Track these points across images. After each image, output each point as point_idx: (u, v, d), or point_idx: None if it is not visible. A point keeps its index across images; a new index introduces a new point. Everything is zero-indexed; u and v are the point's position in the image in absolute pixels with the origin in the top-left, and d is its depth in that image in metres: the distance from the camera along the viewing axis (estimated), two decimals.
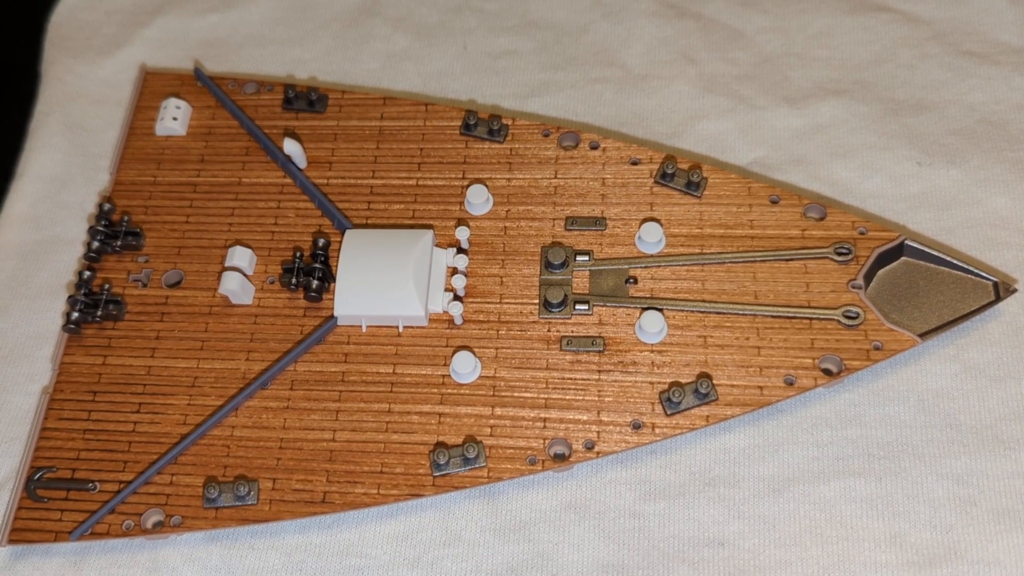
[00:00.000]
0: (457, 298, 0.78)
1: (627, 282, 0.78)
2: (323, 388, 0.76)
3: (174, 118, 0.88)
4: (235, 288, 0.78)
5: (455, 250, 0.79)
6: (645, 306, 0.76)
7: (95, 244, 0.82)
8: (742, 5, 0.97)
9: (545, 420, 0.74)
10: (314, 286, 0.78)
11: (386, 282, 0.76)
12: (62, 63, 0.99)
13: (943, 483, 0.73)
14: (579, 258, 0.79)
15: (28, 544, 0.74)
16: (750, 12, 0.97)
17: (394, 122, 0.87)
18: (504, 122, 0.85)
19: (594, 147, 0.83)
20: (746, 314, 0.76)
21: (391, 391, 0.76)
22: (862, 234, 0.78)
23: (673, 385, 0.74)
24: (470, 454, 0.72)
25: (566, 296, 0.77)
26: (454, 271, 0.79)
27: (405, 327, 0.77)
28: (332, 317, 0.77)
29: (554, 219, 0.81)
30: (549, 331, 0.77)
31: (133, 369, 0.78)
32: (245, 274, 0.80)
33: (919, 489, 0.73)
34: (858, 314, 0.75)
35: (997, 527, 0.71)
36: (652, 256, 0.78)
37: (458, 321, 0.77)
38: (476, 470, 0.72)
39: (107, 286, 0.81)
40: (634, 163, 0.82)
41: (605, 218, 0.80)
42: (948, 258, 0.77)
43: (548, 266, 0.78)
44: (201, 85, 0.91)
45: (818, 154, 0.87)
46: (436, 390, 0.75)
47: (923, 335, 0.74)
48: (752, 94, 0.91)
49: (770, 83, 0.92)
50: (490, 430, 0.74)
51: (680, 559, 0.72)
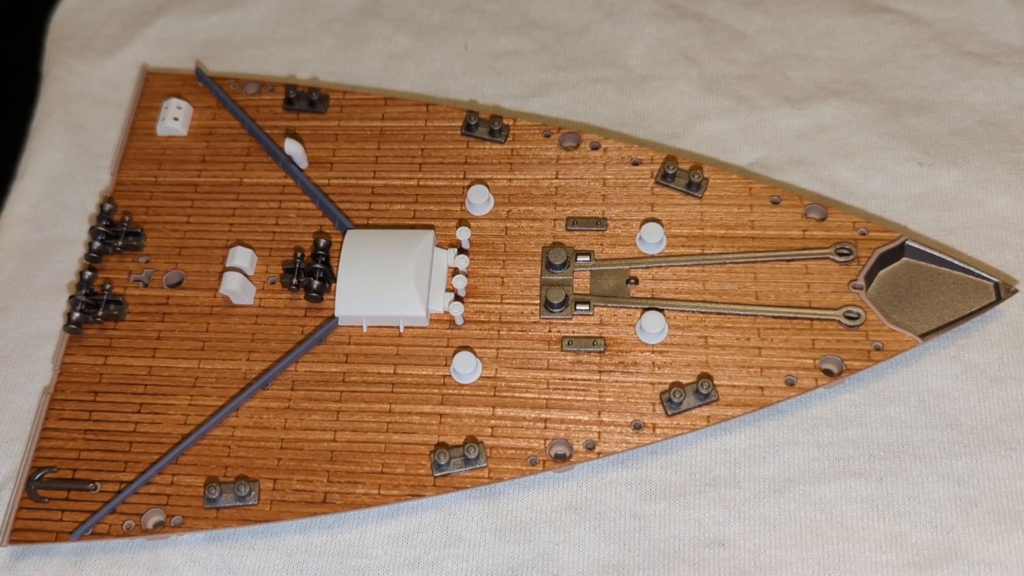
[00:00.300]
0: (458, 298, 0.78)
1: (628, 282, 0.78)
2: (324, 388, 0.76)
3: (175, 118, 0.88)
4: (236, 288, 0.78)
5: (456, 250, 0.79)
6: (646, 306, 0.76)
7: (96, 244, 0.82)
8: (743, 6, 0.97)
9: (546, 420, 0.74)
10: (315, 286, 0.78)
11: (387, 282, 0.76)
12: (63, 63, 0.99)
13: (944, 484, 0.73)
14: (580, 258, 0.79)
15: (29, 544, 0.74)
16: (751, 13, 0.96)
17: (395, 122, 0.87)
18: (505, 122, 0.85)
19: (595, 147, 0.83)
20: (747, 315, 0.76)
21: (392, 391, 0.76)
22: (863, 235, 0.78)
23: (674, 386, 0.74)
24: (471, 454, 0.72)
25: (567, 296, 0.77)
26: (455, 271, 0.79)
27: (406, 327, 0.77)
28: (333, 317, 0.77)
29: (555, 219, 0.81)
30: (550, 331, 0.77)
31: (134, 369, 0.78)
32: (246, 274, 0.80)
33: (920, 490, 0.73)
34: (859, 315, 0.75)
35: (998, 527, 0.71)
36: (653, 256, 0.78)
37: (459, 321, 0.77)
38: (477, 470, 0.72)
39: (108, 286, 0.81)
40: (635, 163, 0.82)
41: (606, 218, 0.80)
42: (949, 259, 0.77)
43: (549, 266, 0.78)
44: (202, 85, 0.91)
45: (819, 155, 0.87)
46: (437, 390, 0.75)
47: (924, 335, 0.74)
48: (753, 95, 0.91)
49: (771, 84, 0.92)
50: (491, 430, 0.74)
51: (681, 559, 0.72)
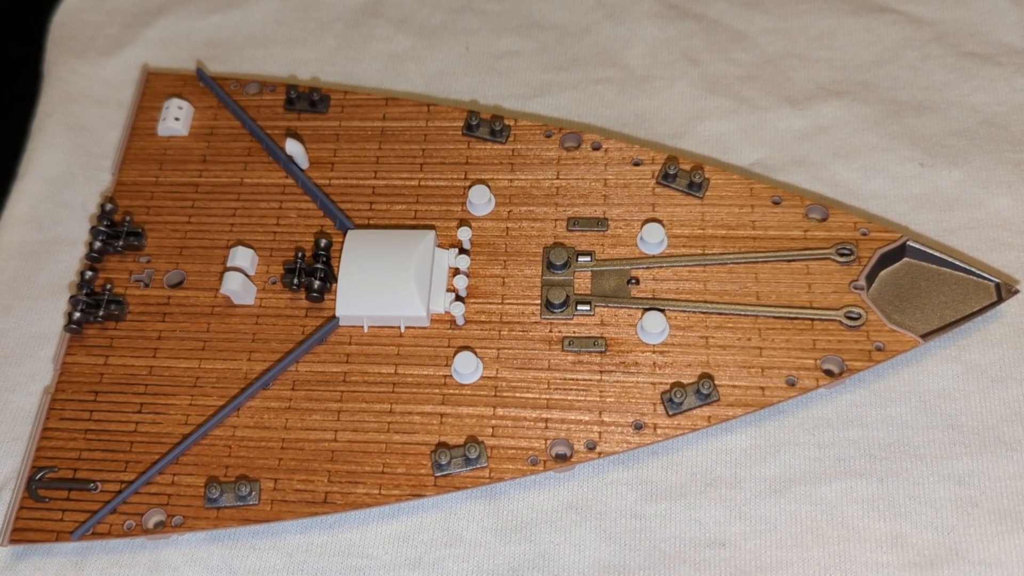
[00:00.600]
0: (459, 298, 0.78)
1: (629, 283, 0.78)
2: (325, 388, 0.76)
3: (176, 118, 0.88)
4: (237, 288, 0.78)
5: (457, 250, 0.79)
6: (647, 307, 0.76)
7: (97, 244, 0.82)
8: (744, 6, 0.97)
9: (547, 420, 0.74)
10: (316, 286, 0.78)
11: (388, 282, 0.76)
12: (64, 63, 0.99)
13: (945, 484, 0.73)
14: (581, 259, 0.79)
15: (29, 544, 0.74)
16: (752, 13, 0.96)
17: (396, 123, 0.87)
18: (506, 123, 0.85)
19: (596, 148, 0.83)
20: (748, 315, 0.76)
21: (393, 391, 0.76)
22: (864, 235, 0.78)
23: (675, 386, 0.74)
24: (472, 454, 0.72)
25: (568, 297, 0.77)
26: (456, 271, 0.79)
27: (407, 327, 0.77)
28: (334, 317, 0.77)
29: (556, 220, 0.81)
30: (551, 332, 0.77)
31: (135, 369, 0.78)
32: (247, 274, 0.80)
33: (920, 490, 0.73)
34: (860, 315, 0.75)
35: (998, 528, 0.71)
36: (654, 257, 0.78)
37: (460, 321, 0.77)
38: (478, 470, 0.72)
39: (109, 286, 0.81)
40: (636, 164, 0.82)
41: (607, 219, 0.80)
42: (950, 259, 0.77)
43: (550, 267, 0.78)
44: (203, 85, 0.91)
45: (820, 155, 0.87)
46: (438, 390, 0.75)
47: (925, 336, 0.74)
48: (754, 95, 0.91)
49: (772, 84, 0.92)
50: (492, 430, 0.74)
51: (681, 560, 0.72)
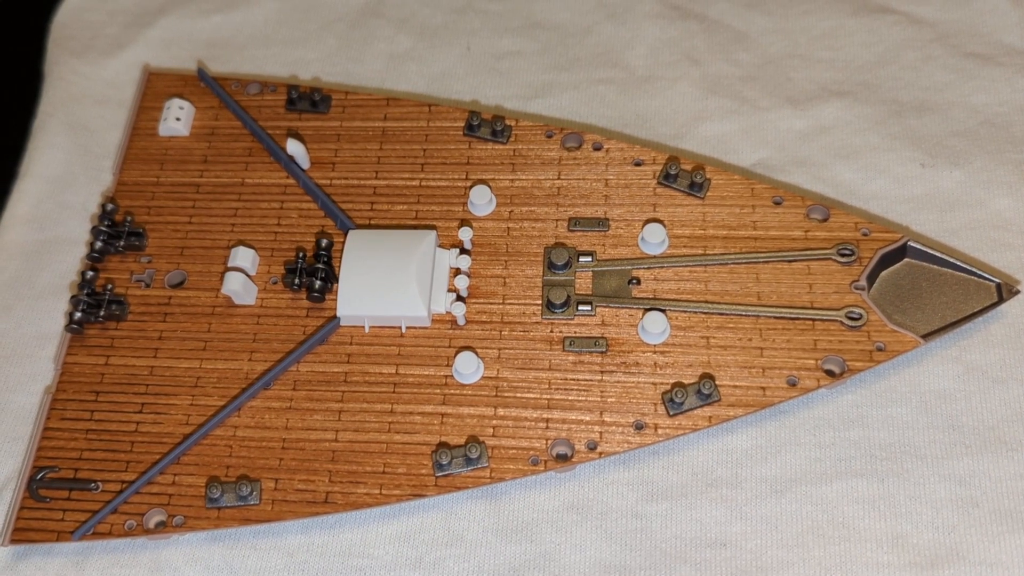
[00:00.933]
0: (460, 299, 0.78)
1: (630, 283, 0.78)
2: (326, 388, 0.76)
3: (177, 119, 0.88)
4: (238, 288, 0.78)
5: (458, 251, 0.79)
6: (648, 307, 0.76)
7: (98, 244, 0.82)
8: (746, 7, 0.97)
9: (547, 421, 0.74)
10: (317, 286, 0.78)
11: (389, 283, 0.76)
12: (65, 63, 0.99)
13: (945, 484, 0.73)
14: (582, 259, 0.79)
15: (30, 544, 0.74)
16: (754, 14, 0.96)
17: (397, 123, 0.87)
18: (507, 123, 0.85)
19: (597, 148, 0.83)
20: (749, 315, 0.76)
21: (394, 391, 0.76)
22: (865, 235, 0.78)
23: (676, 386, 0.74)
24: (472, 454, 0.72)
25: (569, 297, 0.77)
26: (457, 272, 0.79)
27: (408, 328, 0.77)
28: (335, 317, 0.77)
29: (557, 220, 0.81)
30: (552, 332, 0.77)
31: (136, 369, 0.78)
32: (248, 274, 0.80)
33: (921, 490, 0.73)
34: (861, 315, 0.75)
35: (999, 528, 0.71)
36: (655, 257, 0.78)
37: (461, 322, 0.77)
38: (478, 470, 0.72)
39: (110, 286, 0.81)
40: (637, 164, 0.82)
41: (608, 219, 0.80)
42: (951, 259, 0.77)
43: (551, 267, 0.78)
44: (204, 86, 0.91)
45: (821, 155, 0.87)
46: (439, 390, 0.75)
47: (926, 336, 0.74)
48: (755, 95, 0.91)
49: (773, 84, 0.92)
50: (492, 430, 0.74)
51: (682, 560, 0.72)
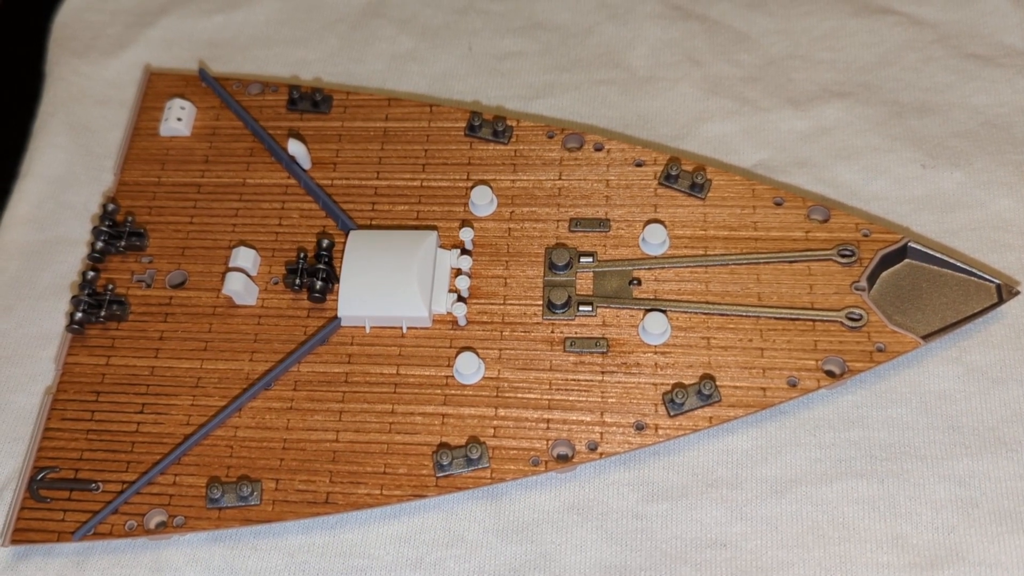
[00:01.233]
0: (461, 299, 0.78)
1: (631, 283, 0.78)
2: (327, 389, 0.76)
3: (178, 119, 0.88)
4: (239, 289, 0.78)
5: (459, 251, 0.79)
6: (649, 307, 0.76)
7: (99, 244, 0.82)
8: (747, 7, 0.97)
9: (548, 421, 0.74)
10: (318, 287, 0.78)
11: (390, 283, 0.77)
12: (66, 63, 0.99)
13: (945, 485, 0.73)
14: (583, 259, 0.79)
15: (31, 544, 0.74)
16: (755, 14, 0.97)
17: (398, 123, 0.87)
18: (508, 123, 0.85)
19: (598, 149, 0.83)
20: (749, 316, 0.76)
21: (395, 392, 0.76)
22: (866, 236, 0.78)
23: (676, 386, 0.74)
24: (473, 455, 0.72)
25: (570, 297, 0.77)
26: (458, 272, 0.79)
27: (409, 328, 0.77)
28: (336, 318, 0.77)
29: (558, 220, 0.81)
30: (553, 332, 0.77)
31: (136, 369, 0.78)
32: (249, 275, 0.80)
33: (921, 491, 0.73)
34: (861, 316, 0.75)
35: (999, 529, 0.71)
36: (656, 258, 0.78)
37: (462, 322, 0.77)
38: (479, 471, 0.72)
39: (111, 286, 0.81)
40: (638, 165, 0.82)
41: (609, 219, 0.80)
42: (951, 260, 0.77)
43: (552, 267, 0.78)
44: (205, 86, 0.91)
45: (822, 156, 0.87)
46: (440, 391, 0.75)
47: (926, 337, 0.74)
48: (757, 96, 0.91)
49: (775, 85, 0.92)
50: (493, 431, 0.74)
51: (683, 560, 0.72)
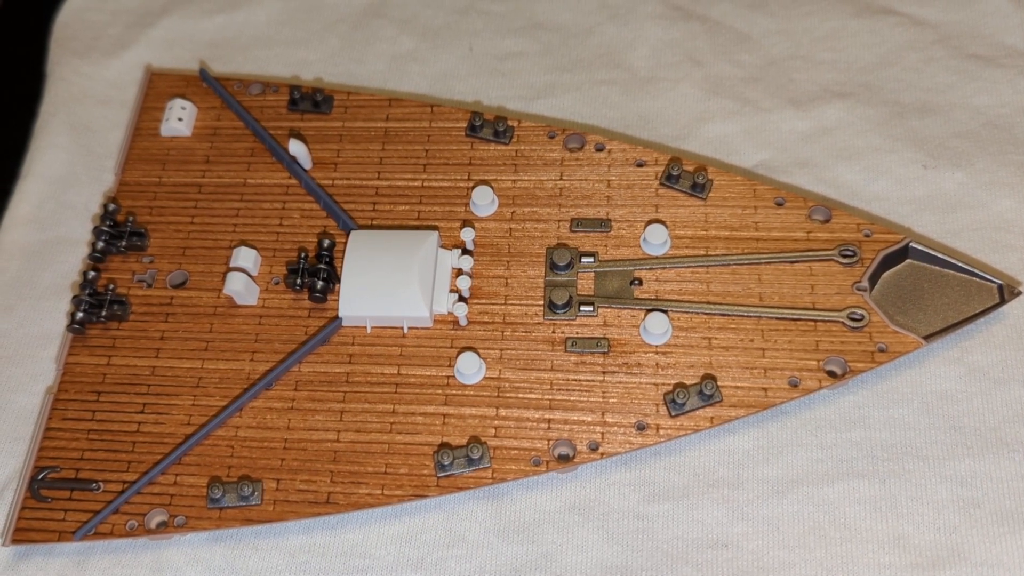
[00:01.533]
0: (462, 299, 0.78)
1: (632, 284, 0.78)
2: (327, 389, 0.76)
3: (179, 119, 0.88)
4: (240, 289, 0.78)
5: (460, 251, 0.79)
6: (650, 308, 0.76)
7: (100, 244, 0.82)
8: (748, 8, 0.97)
9: (549, 421, 0.74)
10: (319, 287, 0.78)
11: (391, 283, 0.76)
12: (67, 63, 0.99)
13: (947, 485, 0.73)
14: (584, 259, 0.79)
15: (32, 544, 0.74)
16: (756, 15, 0.96)
17: (399, 123, 0.87)
18: (510, 124, 0.85)
19: (599, 149, 0.83)
20: (751, 316, 0.76)
21: (395, 392, 0.76)
22: (867, 236, 0.78)
23: (677, 387, 0.74)
24: (474, 455, 0.72)
25: (571, 297, 0.77)
26: (459, 272, 0.79)
27: (410, 328, 0.77)
28: (337, 318, 0.77)
29: (559, 220, 0.81)
30: (554, 332, 0.77)
31: (137, 369, 0.78)
32: (250, 275, 0.80)
33: (923, 491, 0.73)
34: (863, 316, 0.75)
35: (1001, 529, 0.71)
36: (657, 258, 0.78)
37: (463, 322, 0.77)
38: (480, 471, 0.72)
39: (112, 286, 0.81)
40: (639, 165, 0.82)
41: (610, 220, 0.80)
42: (953, 260, 0.77)
43: (553, 267, 0.78)
44: (206, 86, 0.91)
45: (823, 156, 0.87)
46: (440, 391, 0.75)
47: (928, 337, 0.74)
48: (758, 97, 0.91)
49: (776, 86, 0.92)
50: (494, 431, 0.74)
51: (684, 561, 0.72)
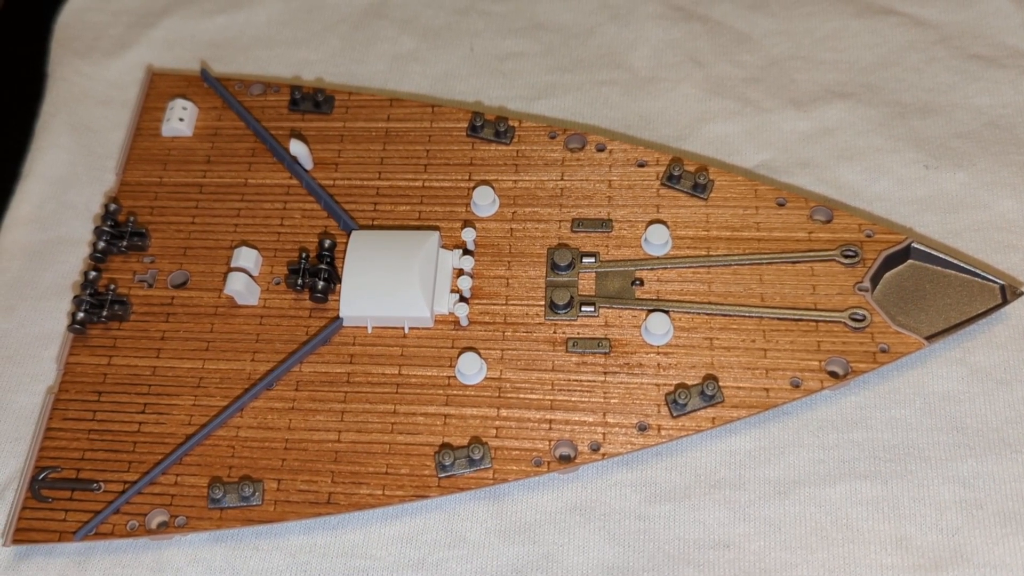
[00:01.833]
0: (463, 299, 0.78)
1: (633, 284, 0.78)
2: (328, 389, 0.76)
3: (180, 119, 0.88)
4: (241, 289, 0.78)
5: (461, 251, 0.79)
6: (651, 308, 0.76)
7: (101, 244, 0.82)
8: (749, 8, 0.97)
9: (551, 422, 0.74)
10: (320, 287, 0.78)
11: (392, 283, 0.76)
12: (69, 64, 0.99)
13: (949, 486, 0.73)
14: (585, 260, 0.78)
15: (32, 544, 0.74)
16: (757, 15, 0.96)
17: (400, 123, 0.87)
18: (511, 124, 0.85)
19: (600, 149, 0.83)
20: (752, 316, 0.76)
21: (396, 392, 0.75)
22: (869, 237, 0.78)
23: (679, 387, 0.74)
24: (475, 455, 0.72)
25: (572, 298, 0.77)
26: (460, 272, 0.79)
27: (411, 328, 0.77)
28: (338, 318, 0.77)
29: (560, 221, 0.81)
30: (555, 333, 0.76)
31: (138, 369, 0.78)
32: (251, 275, 0.80)
33: (925, 492, 0.73)
34: (864, 316, 0.75)
35: (1003, 530, 0.71)
36: (658, 258, 0.78)
37: (464, 322, 0.77)
38: (481, 471, 0.72)
39: (113, 286, 0.81)
40: (641, 165, 0.82)
41: (611, 220, 0.80)
42: (955, 261, 0.77)
43: (554, 268, 0.78)
44: (207, 86, 0.91)
45: (825, 157, 0.87)
46: (442, 391, 0.75)
47: (930, 338, 0.74)
48: (759, 97, 0.91)
49: (777, 86, 0.92)
50: (496, 431, 0.74)
51: (685, 561, 0.72)
